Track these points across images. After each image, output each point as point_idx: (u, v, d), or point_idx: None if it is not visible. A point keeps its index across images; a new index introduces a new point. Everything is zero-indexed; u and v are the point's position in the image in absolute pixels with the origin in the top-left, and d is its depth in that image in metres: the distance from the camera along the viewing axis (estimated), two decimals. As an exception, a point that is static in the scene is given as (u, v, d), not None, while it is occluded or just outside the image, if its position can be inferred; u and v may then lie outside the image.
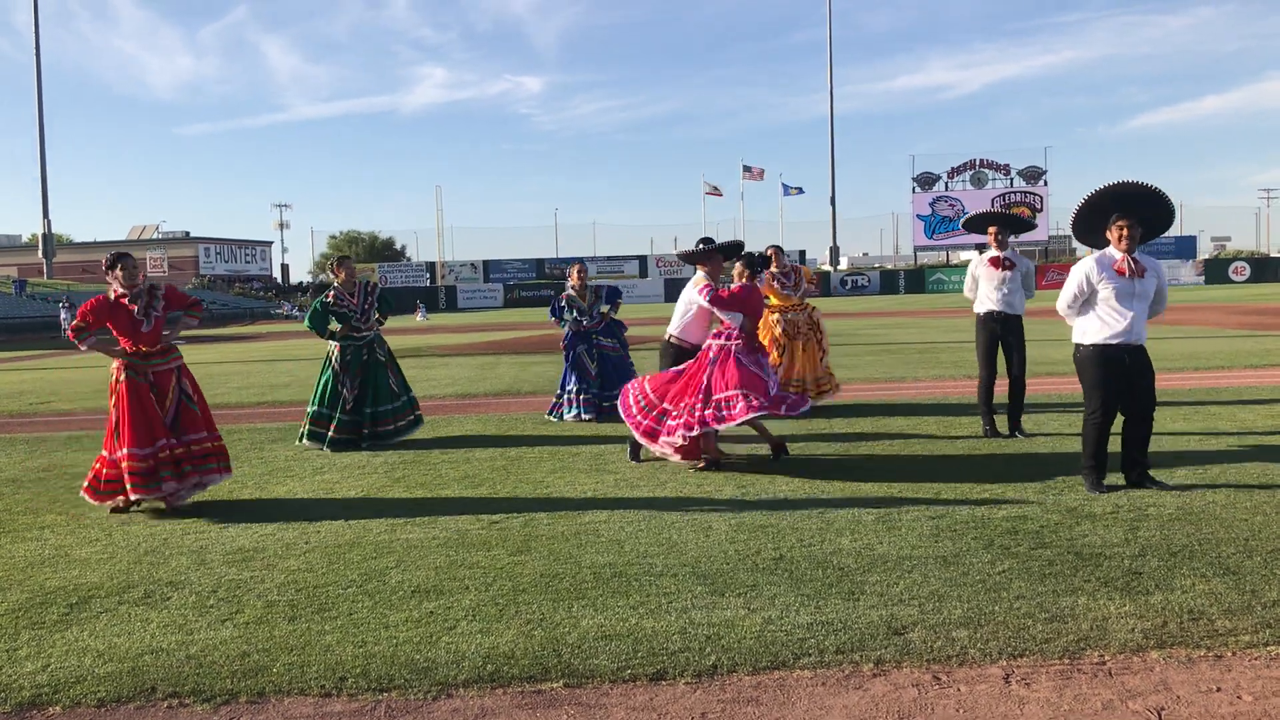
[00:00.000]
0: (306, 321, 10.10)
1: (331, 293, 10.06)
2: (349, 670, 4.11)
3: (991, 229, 9.22)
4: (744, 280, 8.40)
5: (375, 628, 4.60)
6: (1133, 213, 6.71)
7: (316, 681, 4.02)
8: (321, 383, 9.96)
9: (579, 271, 11.63)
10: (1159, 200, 6.81)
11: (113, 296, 7.21)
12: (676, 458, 8.10)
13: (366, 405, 9.89)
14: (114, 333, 7.20)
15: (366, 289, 10.07)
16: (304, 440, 9.85)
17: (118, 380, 7.12)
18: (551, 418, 11.21)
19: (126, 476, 6.97)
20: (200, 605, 5.01)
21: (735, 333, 8.04)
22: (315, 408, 9.87)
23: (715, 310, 8.25)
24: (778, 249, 11.31)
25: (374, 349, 10.03)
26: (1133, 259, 6.67)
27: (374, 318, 10.08)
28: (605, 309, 11.44)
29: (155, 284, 7.46)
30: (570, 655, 4.19)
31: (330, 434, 9.75)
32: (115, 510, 7.18)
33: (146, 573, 5.62)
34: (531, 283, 79.93)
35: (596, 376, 11.18)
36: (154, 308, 7.25)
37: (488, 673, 4.05)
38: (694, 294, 8.39)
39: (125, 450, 6.98)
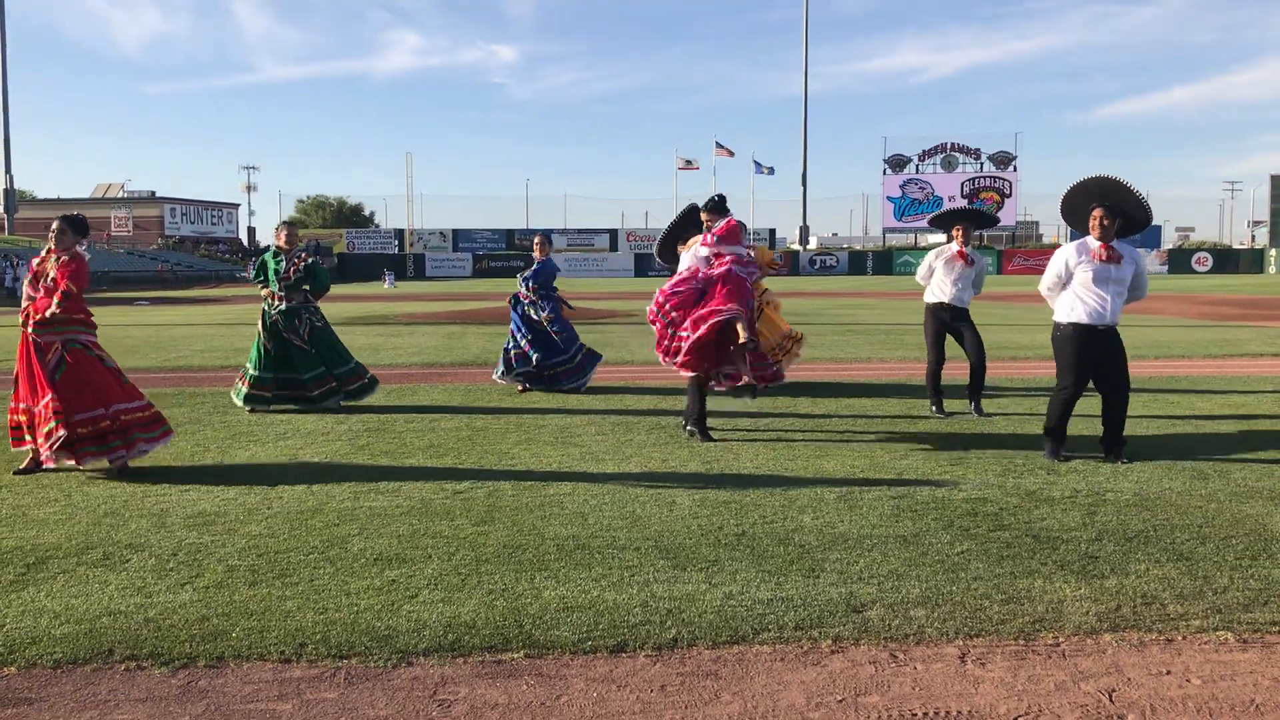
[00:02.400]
0: (253, 271, 10.38)
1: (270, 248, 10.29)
2: (309, 636, 4.11)
3: (958, 228, 9.42)
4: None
5: (336, 594, 4.59)
6: (1111, 205, 7.16)
7: (276, 647, 4.01)
8: (256, 345, 10.06)
9: (539, 243, 11.65)
10: (1135, 200, 7.21)
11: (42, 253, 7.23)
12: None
13: (335, 366, 10.03)
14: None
15: (295, 258, 10.00)
16: (240, 401, 9.96)
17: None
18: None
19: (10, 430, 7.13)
20: (160, 568, 4.98)
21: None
22: (254, 371, 9.93)
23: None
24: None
25: (310, 317, 10.00)
26: (1109, 246, 7.13)
27: (301, 288, 9.97)
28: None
29: (73, 257, 7.12)
30: (531, 626, 4.21)
31: (249, 391, 9.88)
32: (20, 472, 7.15)
33: (106, 534, 5.58)
34: (501, 253, 79.62)
35: (530, 347, 11.19)
36: (45, 278, 7.10)
37: (448, 642, 4.05)
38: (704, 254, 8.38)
39: (18, 404, 7.09)
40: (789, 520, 5.75)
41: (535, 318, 11.21)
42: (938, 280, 9.48)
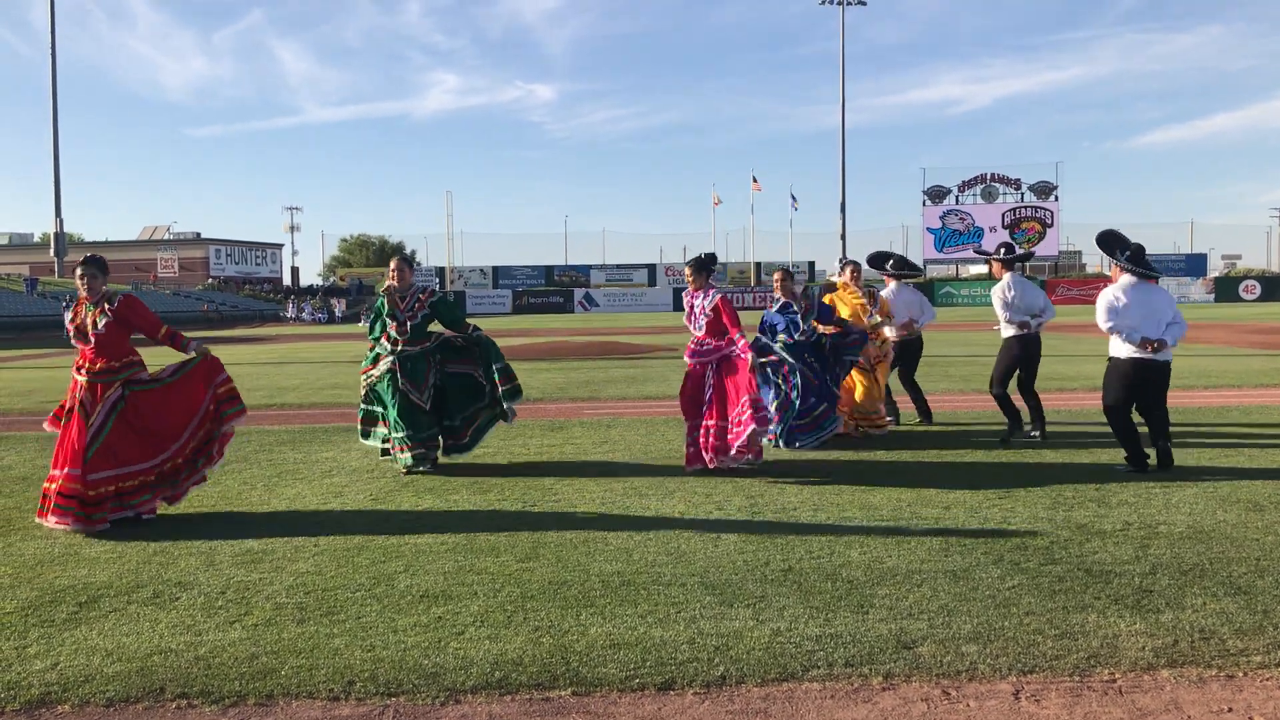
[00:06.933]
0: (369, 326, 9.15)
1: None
2: (357, 674, 4.11)
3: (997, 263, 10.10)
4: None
5: (384, 632, 4.60)
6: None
7: (325, 685, 4.02)
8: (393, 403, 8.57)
9: (782, 279, 9.71)
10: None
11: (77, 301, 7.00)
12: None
13: (454, 415, 8.92)
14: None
15: (416, 298, 8.82)
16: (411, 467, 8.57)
17: (72, 395, 6.97)
18: (783, 445, 9.35)
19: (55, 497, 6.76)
20: (209, 606, 5.02)
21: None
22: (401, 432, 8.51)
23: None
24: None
25: (438, 367, 8.92)
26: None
27: (426, 332, 8.87)
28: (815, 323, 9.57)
29: (112, 294, 6.95)
30: (578, 663, 4.19)
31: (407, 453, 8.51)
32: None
33: (155, 573, 5.63)
34: (540, 289, 80.00)
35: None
36: (96, 324, 6.82)
37: (496, 679, 4.04)
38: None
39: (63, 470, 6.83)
40: (836, 555, 5.70)
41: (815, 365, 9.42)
42: (1020, 313, 9.62)
